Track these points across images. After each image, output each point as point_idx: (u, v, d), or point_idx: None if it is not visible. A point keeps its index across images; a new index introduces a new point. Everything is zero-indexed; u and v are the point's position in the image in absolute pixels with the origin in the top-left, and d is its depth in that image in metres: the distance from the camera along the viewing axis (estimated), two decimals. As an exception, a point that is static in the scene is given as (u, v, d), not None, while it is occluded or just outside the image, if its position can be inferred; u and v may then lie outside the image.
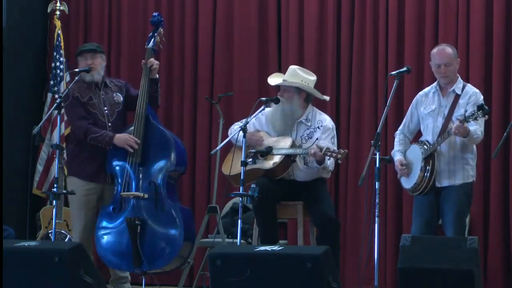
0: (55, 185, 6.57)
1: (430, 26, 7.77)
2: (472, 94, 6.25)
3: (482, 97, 6.29)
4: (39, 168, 8.53)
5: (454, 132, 6.01)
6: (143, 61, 6.82)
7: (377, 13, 7.97)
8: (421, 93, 6.49)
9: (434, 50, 6.35)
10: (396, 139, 6.51)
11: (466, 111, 6.08)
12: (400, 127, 6.55)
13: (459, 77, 6.36)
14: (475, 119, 5.95)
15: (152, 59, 6.80)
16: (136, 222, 6.50)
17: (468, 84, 6.37)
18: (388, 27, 7.93)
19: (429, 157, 6.20)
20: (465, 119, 5.96)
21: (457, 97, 6.26)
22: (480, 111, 5.90)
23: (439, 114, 6.29)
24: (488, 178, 7.56)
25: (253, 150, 6.46)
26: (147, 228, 6.53)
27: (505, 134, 6.24)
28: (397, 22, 7.90)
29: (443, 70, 6.25)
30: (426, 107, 6.36)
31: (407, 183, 6.34)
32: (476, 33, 7.64)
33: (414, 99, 6.49)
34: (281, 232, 7.66)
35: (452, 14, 7.72)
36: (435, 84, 6.40)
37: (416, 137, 6.52)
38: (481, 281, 5.29)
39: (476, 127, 6.08)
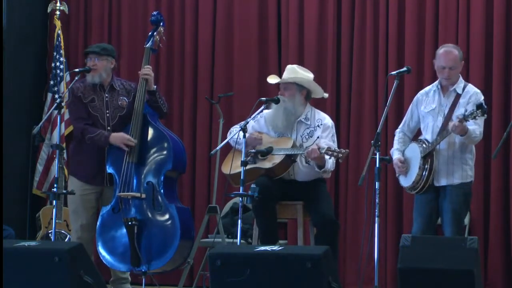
0: (55, 185, 6.57)
1: (430, 26, 7.77)
2: (472, 94, 6.25)
3: (482, 97, 6.27)
4: (39, 168, 8.53)
5: (451, 130, 6.01)
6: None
7: (377, 13, 7.97)
8: (421, 92, 6.49)
9: (441, 51, 6.31)
10: (396, 138, 6.52)
11: (466, 110, 6.07)
12: (400, 126, 6.55)
13: (461, 76, 6.36)
14: (474, 118, 5.95)
15: (146, 71, 6.76)
16: (133, 222, 6.49)
17: (469, 84, 6.36)
18: (388, 27, 7.93)
19: (428, 156, 6.20)
20: (464, 118, 5.96)
21: (458, 96, 6.26)
22: (479, 110, 5.90)
23: (439, 113, 6.28)
24: (488, 178, 7.56)
25: (253, 150, 6.45)
26: (144, 228, 6.52)
27: (505, 134, 6.24)
28: (397, 22, 7.90)
29: (447, 72, 6.24)
30: (427, 106, 6.36)
31: (405, 182, 6.34)
32: (476, 33, 7.63)
33: (415, 97, 6.49)
34: (281, 232, 7.66)
35: (452, 14, 7.72)
36: (436, 83, 6.39)
37: (415, 136, 6.52)
38: (481, 281, 5.28)
39: (475, 127, 6.08)
